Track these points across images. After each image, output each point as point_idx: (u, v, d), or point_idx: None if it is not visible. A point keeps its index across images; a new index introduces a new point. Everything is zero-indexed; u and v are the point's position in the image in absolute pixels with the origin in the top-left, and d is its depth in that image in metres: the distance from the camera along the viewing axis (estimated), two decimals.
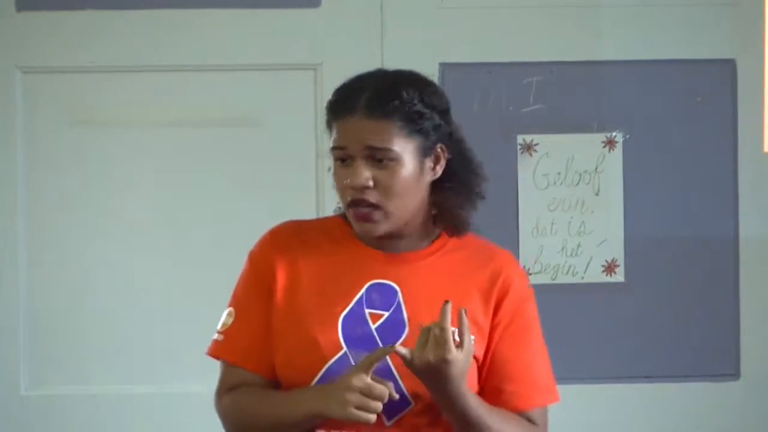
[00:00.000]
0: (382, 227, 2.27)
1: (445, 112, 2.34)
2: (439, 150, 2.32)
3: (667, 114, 3.61)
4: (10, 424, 3.53)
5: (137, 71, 3.54)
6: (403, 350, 2.16)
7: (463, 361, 2.16)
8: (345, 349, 2.25)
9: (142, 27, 3.55)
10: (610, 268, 3.60)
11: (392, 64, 3.55)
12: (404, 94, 2.27)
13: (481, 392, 2.32)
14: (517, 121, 3.59)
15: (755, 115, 3.44)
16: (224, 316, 2.37)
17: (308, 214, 2.41)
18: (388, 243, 2.32)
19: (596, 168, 3.60)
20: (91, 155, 3.56)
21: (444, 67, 3.58)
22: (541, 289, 3.56)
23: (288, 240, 2.36)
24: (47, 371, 3.54)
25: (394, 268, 2.31)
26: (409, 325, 2.27)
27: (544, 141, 3.59)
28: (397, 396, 2.20)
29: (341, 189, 2.29)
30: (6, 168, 3.54)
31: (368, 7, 3.58)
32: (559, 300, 3.59)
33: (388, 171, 2.25)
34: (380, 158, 2.25)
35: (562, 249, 3.60)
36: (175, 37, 3.55)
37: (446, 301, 2.15)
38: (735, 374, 3.62)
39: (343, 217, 2.36)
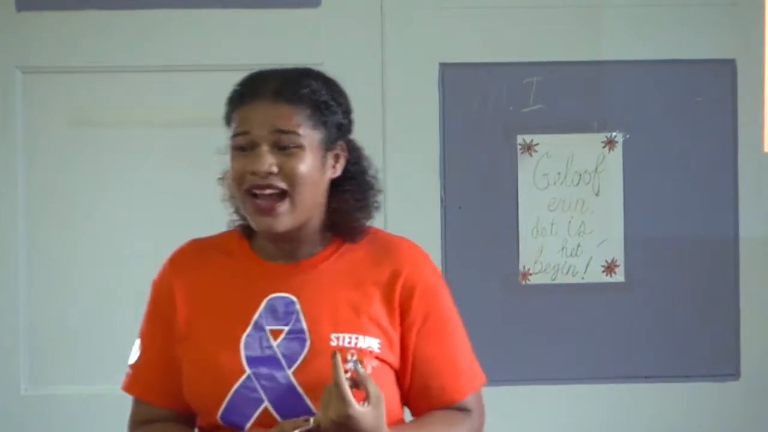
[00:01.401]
0: (285, 220, 2.22)
1: (348, 113, 2.33)
2: (339, 148, 2.29)
3: (667, 114, 3.61)
4: (10, 424, 3.53)
5: (138, 71, 3.54)
6: (311, 421, 2.13)
7: (371, 411, 2.11)
8: (248, 371, 2.21)
9: (143, 27, 3.55)
10: (610, 268, 3.60)
11: (392, 63, 3.58)
12: (313, 83, 2.26)
13: (409, 393, 2.30)
14: (517, 121, 3.59)
15: (755, 116, 3.44)
16: (134, 348, 2.36)
17: None
18: (284, 252, 2.28)
19: (596, 168, 3.60)
20: (91, 155, 3.56)
21: (444, 67, 3.58)
22: (541, 289, 3.60)
23: (187, 264, 2.33)
24: (47, 371, 3.54)
25: (291, 279, 2.27)
26: (311, 337, 2.23)
27: (544, 141, 3.59)
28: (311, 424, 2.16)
29: (239, 177, 2.23)
30: (6, 168, 3.54)
31: (368, 7, 3.58)
32: (559, 300, 3.59)
33: (292, 158, 2.21)
34: (286, 145, 2.20)
35: (562, 249, 3.60)
36: (175, 37, 3.56)
37: (334, 353, 2.10)
38: (735, 374, 3.63)
39: (239, 229, 2.32)
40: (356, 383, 2.13)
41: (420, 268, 2.33)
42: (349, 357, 2.20)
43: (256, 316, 2.25)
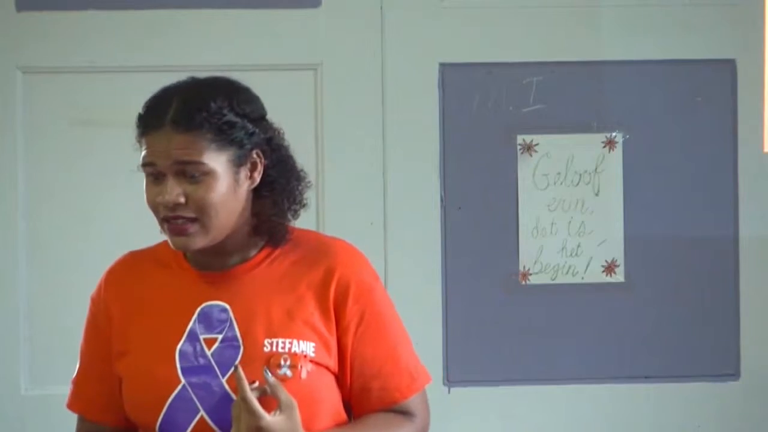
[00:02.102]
0: (199, 241, 2.20)
1: (259, 119, 2.27)
2: (255, 157, 2.24)
3: (667, 114, 3.61)
4: (10, 424, 3.53)
5: (138, 71, 3.54)
6: None
7: (283, 419, 2.12)
8: (183, 382, 2.20)
9: (143, 27, 3.55)
10: (610, 269, 3.60)
11: (392, 64, 3.58)
12: (212, 105, 2.20)
13: (351, 395, 2.28)
14: (517, 121, 3.59)
15: (755, 115, 3.44)
16: (76, 365, 2.36)
17: (307, 214, 2.38)
18: (215, 261, 2.26)
19: (596, 168, 3.60)
20: (91, 155, 3.56)
21: (444, 67, 3.58)
22: (541, 289, 3.60)
23: (121, 277, 2.32)
24: (47, 371, 3.54)
25: (224, 287, 2.25)
26: (244, 344, 2.21)
27: (544, 141, 3.59)
28: None
29: (152, 207, 2.21)
30: (6, 168, 3.54)
31: (368, 7, 3.58)
32: (559, 300, 3.59)
33: (200, 186, 2.17)
34: (192, 173, 2.17)
35: (562, 249, 3.60)
36: (175, 37, 3.55)
37: (235, 366, 2.12)
38: (735, 374, 3.63)
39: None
40: (265, 391, 2.14)
41: (353, 268, 2.29)
42: (282, 362, 2.20)
43: (189, 326, 2.24)
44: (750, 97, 3.55)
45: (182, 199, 2.18)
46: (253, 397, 2.10)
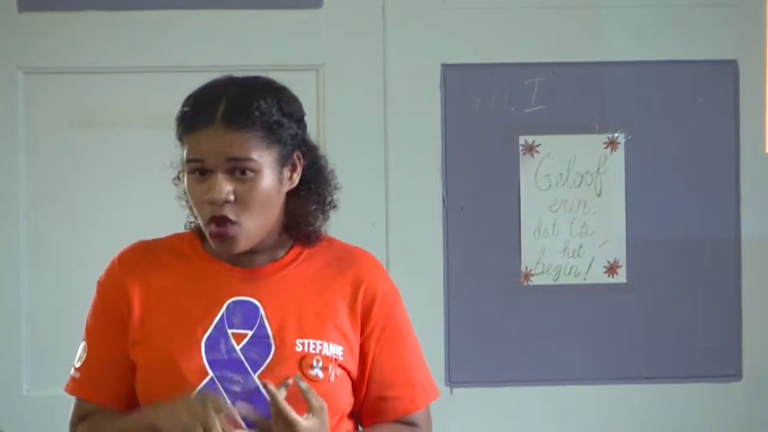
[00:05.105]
0: (242, 244, 2.20)
1: (300, 120, 2.29)
2: (296, 158, 2.26)
3: (668, 115, 3.61)
4: (12, 425, 3.52)
5: (139, 72, 3.54)
6: None
7: (316, 423, 2.13)
8: (211, 374, 2.19)
9: (144, 28, 3.55)
10: (612, 269, 3.60)
11: (394, 65, 3.58)
12: (263, 104, 2.21)
13: (364, 403, 2.30)
14: (520, 122, 3.59)
15: (757, 116, 3.45)
16: (80, 349, 2.32)
17: None
18: (243, 258, 2.25)
19: (598, 169, 3.60)
20: (92, 155, 3.56)
21: (446, 68, 3.59)
22: (543, 290, 3.60)
23: (137, 263, 2.29)
24: (49, 372, 3.54)
25: (253, 284, 2.25)
26: (276, 342, 2.21)
27: (546, 142, 3.59)
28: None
29: (198, 205, 2.21)
30: (8, 168, 3.54)
31: (370, 7, 3.58)
32: (561, 301, 3.59)
33: (248, 184, 2.18)
34: (242, 170, 2.18)
35: (564, 250, 3.60)
36: (176, 37, 3.55)
37: (265, 384, 2.12)
38: (737, 375, 3.63)
39: (194, 233, 2.30)
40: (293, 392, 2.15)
41: (379, 279, 2.32)
42: (314, 363, 2.21)
43: (217, 319, 2.22)
44: (752, 98, 3.55)
45: (232, 197, 2.18)
46: (288, 408, 2.11)
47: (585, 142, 3.60)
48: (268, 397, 2.13)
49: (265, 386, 2.12)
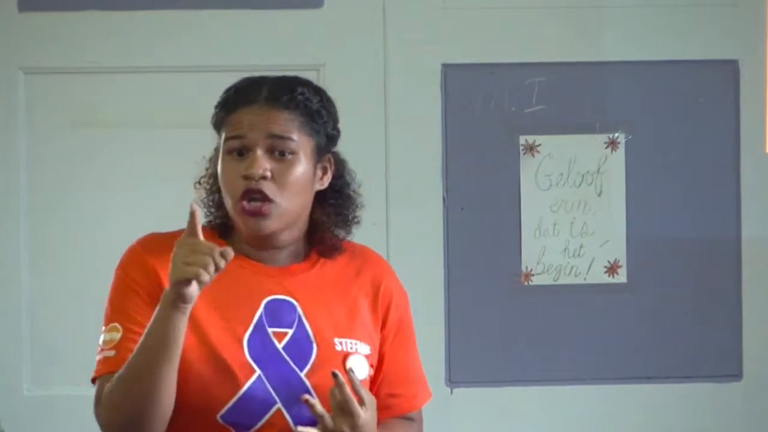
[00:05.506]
0: (273, 224, 2.20)
1: (336, 124, 2.32)
2: (327, 161, 2.29)
3: (669, 115, 3.61)
4: (13, 425, 3.52)
5: (140, 72, 3.54)
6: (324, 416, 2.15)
7: (370, 416, 2.15)
8: (258, 372, 2.18)
9: (145, 28, 3.55)
10: (612, 269, 3.60)
11: (395, 65, 3.58)
12: (306, 91, 2.25)
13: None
14: (520, 122, 3.59)
15: (757, 116, 3.44)
16: (105, 335, 2.25)
17: None
18: (267, 255, 2.25)
19: (599, 169, 3.60)
20: (93, 156, 3.56)
21: (446, 68, 3.58)
22: (543, 290, 3.60)
23: (161, 249, 2.23)
24: (50, 372, 3.54)
25: (285, 282, 2.25)
26: (317, 341, 2.22)
27: (546, 142, 3.59)
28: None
29: (232, 182, 2.20)
30: (8, 168, 3.54)
31: (371, 7, 3.58)
32: (561, 301, 3.59)
33: (285, 164, 2.20)
34: (281, 150, 2.19)
35: (565, 250, 3.60)
36: (177, 38, 3.55)
37: (334, 373, 2.13)
38: (737, 375, 3.63)
39: (210, 229, 2.27)
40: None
41: (394, 279, 2.37)
42: (356, 360, 2.24)
43: (257, 317, 2.22)
44: (752, 98, 3.55)
45: (269, 174, 2.18)
46: (354, 401, 2.13)
47: (585, 142, 3.60)
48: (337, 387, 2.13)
49: (334, 376, 2.12)
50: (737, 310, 3.62)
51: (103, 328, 2.27)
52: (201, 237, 2.09)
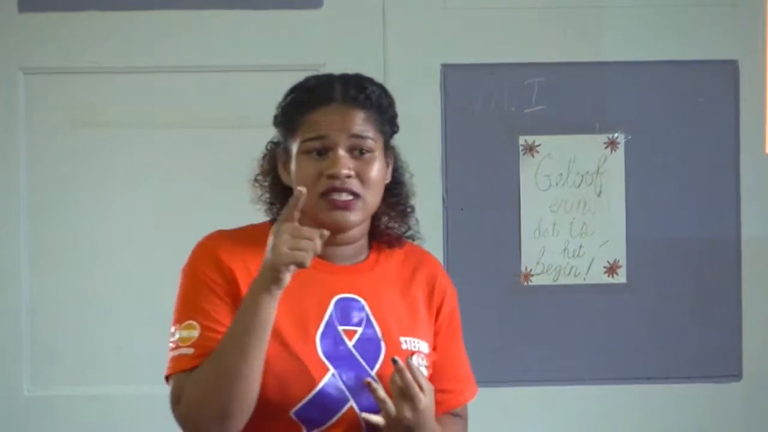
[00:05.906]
0: (357, 218, 2.23)
1: (397, 118, 2.34)
2: (390, 154, 2.32)
3: (669, 115, 3.61)
4: (13, 425, 3.52)
5: (140, 72, 3.54)
6: (379, 418, 2.18)
7: (429, 402, 2.18)
8: (332, 370, 2.20)
9: (145, 28, 3.55)
10: (612, 269, 3.60)
11: (394, 65, 3.58)
12: (375, 88, 2.29)
13: None
14: (520, 122, 3.59)
15: (757, 116, 3.44)
16: (181, 333, 2.21)
17: None
18: (335, 252, 2.27)
19: (598, 169, 3.61)
20: (93, 156, 3.56)
21: (446, 68, 3.59)
22: (542, 290, 3.60)
23: (232, 247, 2.24)
24: (50, 372, 3.54)
25: (352, 281, 2.27)
26: (384, 340, 2.25)
27: (546, 142, 3.59)
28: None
29: (315, 180, 2.20)
30: (8, 169, 3.54)
31: (370, 8, 3.58)
32: (560, 301, 3.59)
33: (365, 162, 2.23)
34: (361, 148, 2.22)
35: (564, 250, 3.60)
36: (177, 38, 3.56)
37: (394, 359, 2.15)
38: (737, 375, 3.62)
39: (270, 224, 2.27)
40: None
41: (445, 276, 2.42)
42: (419, 361, 2.27)
43: (328, 315, 2.24)
44: (752, 98, 3.55)
45: (353, 173, 2.21)
46: (413, 382, 2.15)
47: (585, 142, 3.60)
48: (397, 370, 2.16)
49: (394, 361, 2.15)
50: (737, 310, 3.62)
51: (176, 326, 2.24)
52: (297, 222, 2.10)
